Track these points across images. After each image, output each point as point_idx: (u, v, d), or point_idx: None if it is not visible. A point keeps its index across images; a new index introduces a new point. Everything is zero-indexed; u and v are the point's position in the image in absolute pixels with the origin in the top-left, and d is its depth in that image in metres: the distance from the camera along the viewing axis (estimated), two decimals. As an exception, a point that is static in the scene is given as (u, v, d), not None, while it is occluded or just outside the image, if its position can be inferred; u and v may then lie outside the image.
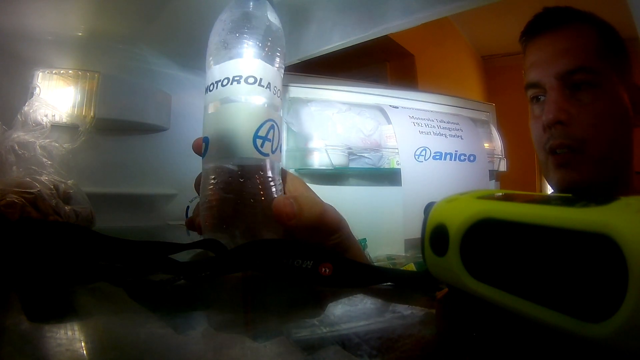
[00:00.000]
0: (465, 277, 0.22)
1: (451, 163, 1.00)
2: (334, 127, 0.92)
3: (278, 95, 0.35)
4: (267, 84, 0.34)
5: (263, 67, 0.34)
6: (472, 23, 2.05)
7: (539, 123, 0.60)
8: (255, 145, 0.33)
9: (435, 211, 0.25)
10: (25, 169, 0.49)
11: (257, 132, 0.33)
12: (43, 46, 0.66)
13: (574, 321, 0.16)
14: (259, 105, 0.34)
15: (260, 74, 0.34)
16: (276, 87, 0.35)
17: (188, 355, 0.18)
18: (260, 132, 0.33)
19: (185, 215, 0.81)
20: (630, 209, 0.16)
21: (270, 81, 0.34)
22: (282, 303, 0.28)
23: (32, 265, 0.29)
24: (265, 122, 0.33)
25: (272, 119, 0.34)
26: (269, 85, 0.34)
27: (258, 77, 0.34)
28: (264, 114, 0.34)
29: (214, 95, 0.34)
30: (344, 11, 0.57)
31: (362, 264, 0.31)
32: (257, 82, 0.34)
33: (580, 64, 0.57)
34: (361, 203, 0.96)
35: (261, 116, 0.33)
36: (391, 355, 0.19)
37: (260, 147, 0.33)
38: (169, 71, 0.80)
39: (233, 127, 0.33)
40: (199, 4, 0.54)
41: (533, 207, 0.19)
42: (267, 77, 0.34)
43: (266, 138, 0.33)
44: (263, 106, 0.34)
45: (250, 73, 0.33)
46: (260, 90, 0.34)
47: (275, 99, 0.35)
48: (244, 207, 0.32)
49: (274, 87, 0.35)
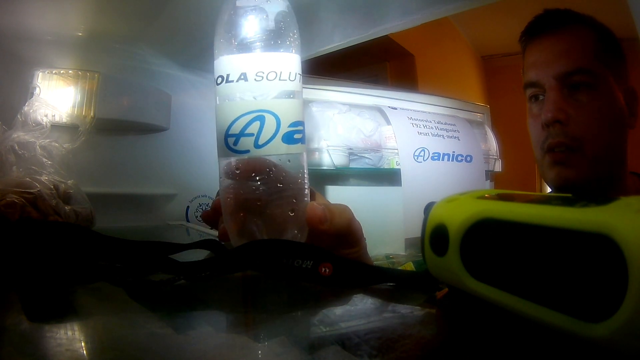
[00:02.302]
0: (465, 277, 0.22)
1: (449, 163, 1.01)
2: (335, 128, 0.92)
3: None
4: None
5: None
6: (472, 23, 2.05)
7: (538, 122, 0.62)
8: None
9: (435, 211, 0.25)
10: (25, 169, 0.49)
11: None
12: (43, 46, 0.66)
13: (574, 321, 0.16)
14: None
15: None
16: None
17: (188, 355, 0.18)
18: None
19: (185, 215, 0.81)
20: (630, 209, 0.16)
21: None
22: (282, 303, 0.28)
23: (32, 265, 0.29)
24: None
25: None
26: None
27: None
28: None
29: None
30: (344, 11, 0.57)
31: (362, 264, 0.31)
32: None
33: (579, 66, 0.58)
34: (361, 203, 0.96)
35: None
36: (391, 355, 0.19)
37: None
38: (169, 71, 0.80)
39: None
40: (199, 4, 0.54)
41: (533, 207, 0.19)
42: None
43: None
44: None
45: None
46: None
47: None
48: (276, 203, 0.32)
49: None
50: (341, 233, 0.34)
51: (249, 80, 0.32)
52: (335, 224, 0.33)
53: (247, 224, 0.32)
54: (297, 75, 0.33)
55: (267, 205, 0.32)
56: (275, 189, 0.32)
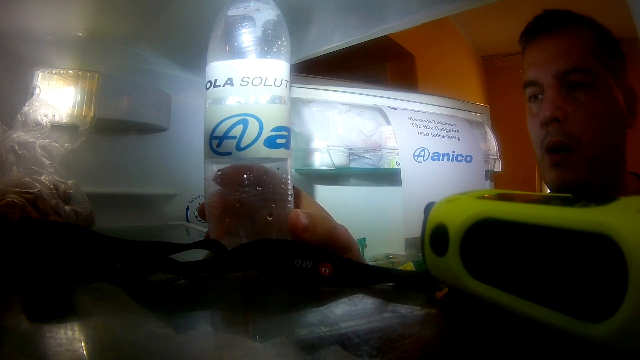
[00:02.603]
0: (465, 277, 0.22)
1: (449, 163, 1.02)
2: (335, 128, 0.92)
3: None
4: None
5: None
6: (472, 23, 2.05)
7: (536, 121, 0.62)
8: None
9: (435, 211, 0.25)
10: (25, 169, 0.49)
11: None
12: (43, 46, 0.66)
13: (574, 321, 0.16)
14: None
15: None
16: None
17: (188, 355, 0.18)
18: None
19: (185, 215, 0.81)
20: (630, 209, 0.16)
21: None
22: (282, 303, 0.28)
23: (32, 265, 0.29)
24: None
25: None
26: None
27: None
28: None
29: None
30: (344, 11, 0.57)
31: (362, 264, 0.31)
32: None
33: (578, 65, 0.58)
34: (362, 202, 0.96)
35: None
36: (391, 355, 0.19)
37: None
38: (169, 71, 0.80)
39: None
40: (199, 4, 0.54)
41: (533, 207, 0.19)
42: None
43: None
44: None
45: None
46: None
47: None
48: (254, 206, 0.32)
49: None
50: (324, 242, 0.33)
51: (235, 85, 0.33)
52: (317, 232, 0.33)
53: (229, 227, 0.33)
54: (284, 82, 0.34)
55: (246, 209, 0.32)
56: (255, 192, 0.33)
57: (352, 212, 0.93)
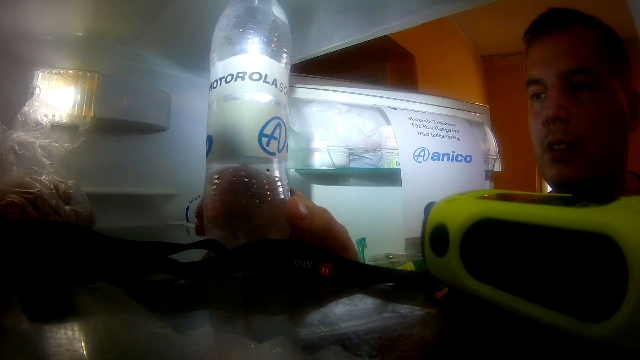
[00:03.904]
0: (465, 277, 0.22)
1: (449, 163, 1.01)
2: (335, 128, 0.92)
3: (285, 92, 0.35)
4: (273, 81, 0.33)
5: (268, 63, 0.33)
6: (472, 23, 2.05)
7: (539, 119, 0.62)
8: (260, 143, 0.32)
9: (435, 211, 0.25)
10: (25, 169, 0.49)
11: (263, 130, 0.32)
12: (43, 46, 0.66)
13: (574, 321, 0.16)
14: (264, 102, 0.33)
15: (266, 70, 0.33)
16: (282, 83, 0.34)
17: (188, 355, 0.18)
18: (266, 130, 0.33)
19: (185, 215, 0.81)
20: (630, 209, 0.16)
21: (276, 77, 0.34)
22: (282, 303, 0.28)
23: (32, 265, 0.29)
24: (271, 120, 0.33)
25: (279, 116, 0.34)
26: (275, 82, 0.34)
27: (263, 74, 0.33)
28: (269, 112, 0.33)
29: (218, 92, 0.33)
30: (344, 11, 0.57)
31: (362, 264, 0.31)
32: (262, 78, 0.33)
33: (582, 65, 0.58)
34: (362, 202, 0.96)
35: (267, 114, 0.33)
36: (391, 355, 0.19)
37: (266, 145, 0.33)
38: (169, 71, 0.80)
39: (237, 125, 0.32)
40: (200, 3, 0.54)
41: (533, 207, 0.19)
42: (273, 74, 0.34)
43: (272, 136, 0.33)
44: (269, 103, 0.33)
45: (255, 69, 0.33)
46: (265, 87, 0.33)
47: (282, 96, 0.34)
48: (250, 208, 0.32)
49: (280, 84, 0.34)
50: (320, 233, 0.33)
51: (278, 86, 0.34)
52: (315, 222, 0.33)
53: (226, 226, 0.33)
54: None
55: (244, 209, 0.33)
56: (253, 192, 0.33)
57: (352, 212, 0.93)
